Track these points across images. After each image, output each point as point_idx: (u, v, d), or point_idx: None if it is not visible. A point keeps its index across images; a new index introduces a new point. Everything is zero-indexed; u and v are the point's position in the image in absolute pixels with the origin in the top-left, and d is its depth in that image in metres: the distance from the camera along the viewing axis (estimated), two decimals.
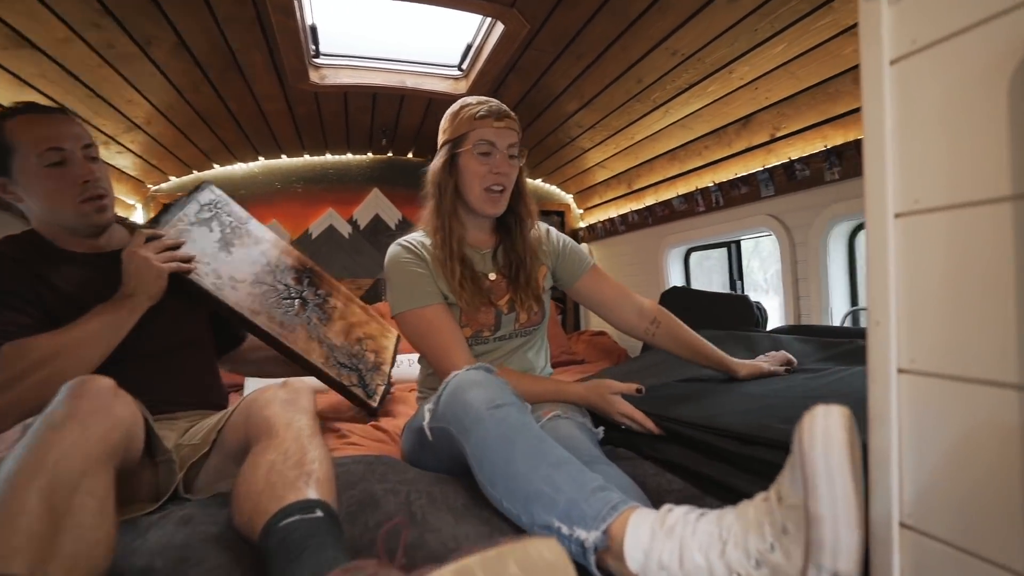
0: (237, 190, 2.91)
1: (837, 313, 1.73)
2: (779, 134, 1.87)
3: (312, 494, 0.72)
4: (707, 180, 2.29)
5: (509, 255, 1.29)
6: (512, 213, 1.28)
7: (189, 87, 1.90)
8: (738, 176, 2.07)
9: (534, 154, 2.95)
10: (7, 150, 1.04)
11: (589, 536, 0.65)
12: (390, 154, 3.16)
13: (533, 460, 0.74)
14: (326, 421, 1.62)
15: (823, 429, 0.50)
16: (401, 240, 1.26)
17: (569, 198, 3.54)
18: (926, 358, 0.55)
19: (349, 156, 3.12)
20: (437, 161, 1.24)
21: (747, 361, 1.33)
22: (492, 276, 1.27)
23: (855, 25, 1.41)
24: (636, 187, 2.82)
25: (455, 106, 1.24)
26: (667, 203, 2.52)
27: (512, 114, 1.22)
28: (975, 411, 0.51)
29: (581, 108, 2.25)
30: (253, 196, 2.95)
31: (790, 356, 1.36)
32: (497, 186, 1.20)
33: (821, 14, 1.40)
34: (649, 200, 2.74)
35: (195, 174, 2.82)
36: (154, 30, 1.53)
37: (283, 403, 0.91)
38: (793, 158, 1.81)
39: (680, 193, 2.43)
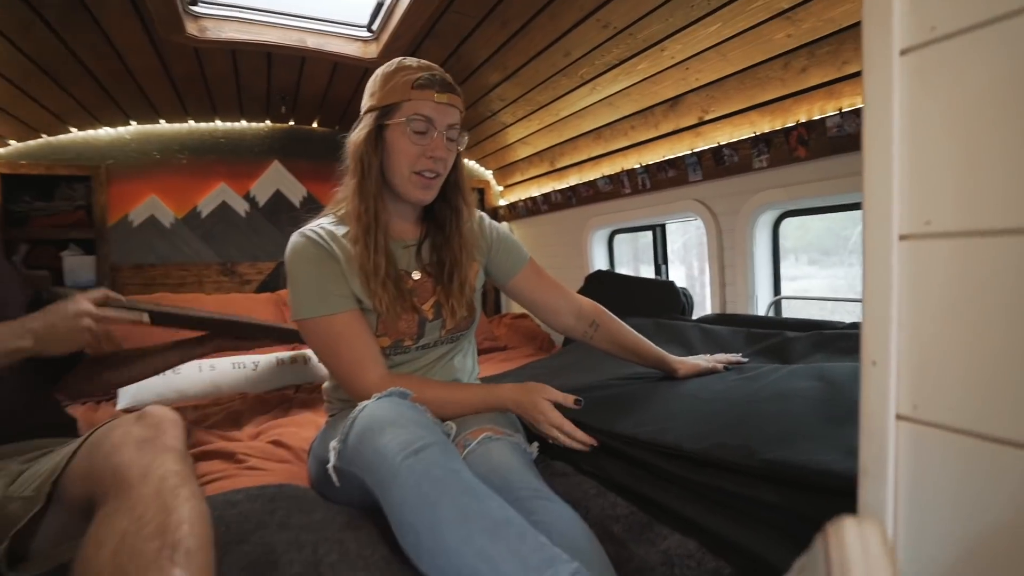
0: (103, 159, 2.48)
1: (762, 302, 1.74)
2: (707, 117, 1.83)
3: (178, 574, 0.55)
4: (632, 161, 2.23)
5: (440, 252, 1.11)
6: (447, 204, 1.11)
7: (16, 30, 1.51)
8: (665, 159, 2.01)
9: None
10: None
11: None
12: (292, 123, 2.83)
13: (463, 528, 0.62)
14: (220, 441, 1.39)
15: (863, 565, 0.38)
16: (305, 230, 1.04)
17: (489, 174, 3.38)
18: (931, 406, 0.48)
19: (243, 124, 2.76)
20: (361, 131, 1.02)
21: (686, 359, 1.27)
22: (416, 275, 1.09)
23: (789, 9, 1.35)
24: (559, 166, 2.72)
25: (389, 67, 1.02)
26: (592, 184, 2.44)
27: (458, 89, 1.03)
28: (989, 473, 0.44)
29: (504, 80, 2.09)
30: (125, 167, 2.53)
31: (739, 358, 1.32)
32: (430, 172, 1.02)
33: None
34: (573, 180, 2.65)
35: (45, 138, 2.35)
36: None
37: (139, 444, 0.71)
38: (721, 143, 1.77)
39: (605, 174, 2.35)
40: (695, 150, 1.89)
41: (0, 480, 0.83)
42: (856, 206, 1.54)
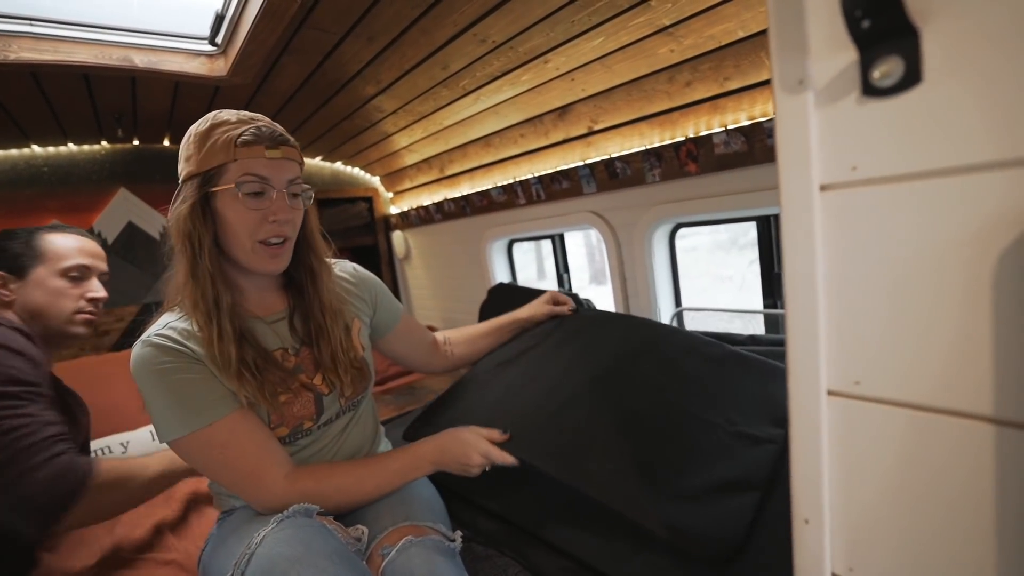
0: None
1: (665, 312, 1.75)
2: (597, 127, 1.78)
3: None
4: (525, 171, 2.15)
5: (306, 320, 0.97)
6: (301, 266, 0.97)
7: None
8: (558, 170, 1.95)
9: (330, 138, 2.51)
10: None
11: None
12: (136, 142, 2.43)
13: None
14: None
15: None
16: (150, 336, 0.84)
17: (376, 181, 3.16)
18: (867, 571, 0.44)
19: (71, 147, 2.32)
20: (182, 205, 0.85)
21: (527, 307, 1.37)
22: (293, 350, 0.95)
23: (671, 25, 1.31)
24: (449, 173, 2.58)
25: (204, 124, 0.86)
26: (485, 193, 2.33)
27: (291, 140, 0.88)
28: None
29: (380, 93, 1.91)
30: None
31: (557, 296, 1.39)
32: (277, 238, 0.87)
33: (638, 11, 1.27)
34: (465, 188, 2.52)
35: None
36: None
37: None
38: (613, 155, 1.73)
39: (498, 184, 2.25)
40: (587, 161, 1.83)
41: None
42: (748, 219, 1.57)
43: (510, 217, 2.28)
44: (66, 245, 1.15)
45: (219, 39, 1.62)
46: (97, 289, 1.18)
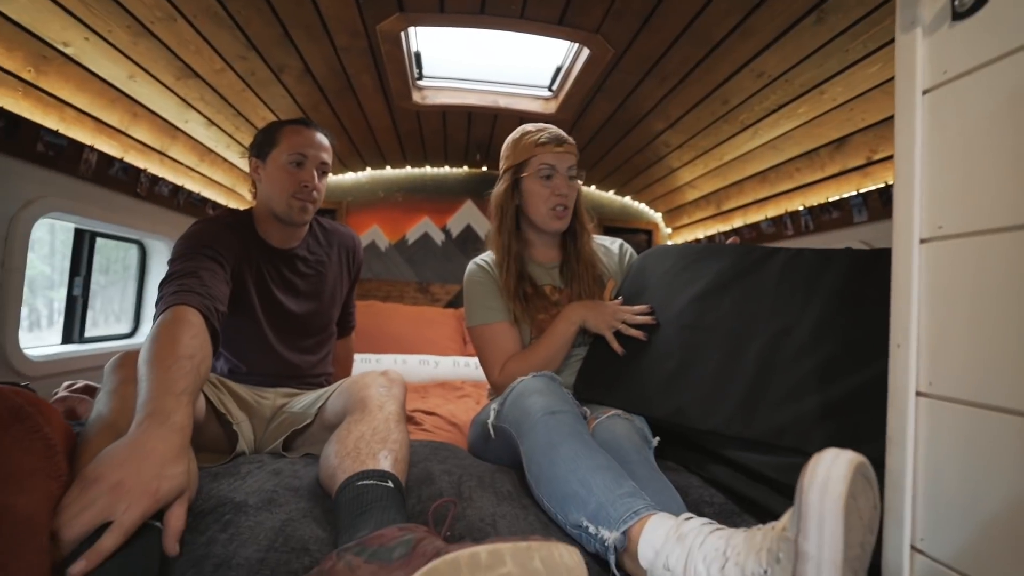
0: (344, 197, 3.24)
1: None
2: (876, 157, 1.78)
3: (388, 467, 0.83)
4: (797, 203, 2.21)
5: (570, 268, 1.38)
6: (570, 230, 1.38)
7: (310, 106, 2.17)
8: (830, 200, 1.98)
9: (623, 172, 2.99)
10: (272, 143, 1.25)
11: (611, 536, 0.70)
12: (485, 168, 3.35)
13: (574, 463, 0.81)
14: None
15: (824, 473, 0.51)
16: (477, 259, 1.38)
17: (658, 217, 3.52)
18: (945, 382, 0.56)
19: (447, 169, 3.35)
20: (500, 186, 1.34)
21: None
22: (560, 287, 1.36)
23: None
24: (725, 208, 2.77)
25: (515, 134, 1.35)
26: (755, 226, 2.45)
27: (570, 139, 1.31)
28: (994, 440, 0.51)
29: (668, 128, 2.27)
30: (358, 203, 3.26)
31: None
32: (560, 206, 1.30)
33: None
34: (737, 222, 2.67)
35: None
36: (286, 59, 1.79)
37: (380, 387, 1.04)
38: (890, 183, 1.71)
39: (769, 216, 2.36)
40: (861, 191, 1.84)
41: (268, 403, 1.24)
42: None
43: None
44: (293, 134, 1.23)
45: (554, 86, 2.24)
46: (309, 178, 1.21)
